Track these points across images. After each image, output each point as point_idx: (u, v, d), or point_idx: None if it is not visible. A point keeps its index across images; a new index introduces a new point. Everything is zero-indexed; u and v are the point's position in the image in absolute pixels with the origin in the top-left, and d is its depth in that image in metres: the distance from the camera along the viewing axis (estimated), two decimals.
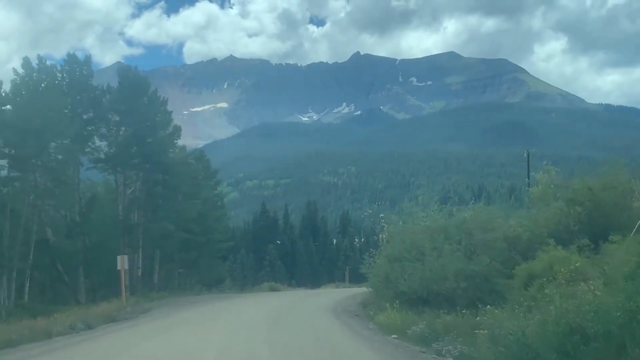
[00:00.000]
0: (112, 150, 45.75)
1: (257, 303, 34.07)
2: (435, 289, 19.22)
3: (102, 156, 45.73)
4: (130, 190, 47.15)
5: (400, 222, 26.60)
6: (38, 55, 43.17)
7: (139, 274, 45.74)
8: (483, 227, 21.06)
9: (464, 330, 14.87)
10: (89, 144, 45.70)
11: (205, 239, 52.30)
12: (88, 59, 45.70)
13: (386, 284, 22.43)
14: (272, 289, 54.95)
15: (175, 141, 48.50)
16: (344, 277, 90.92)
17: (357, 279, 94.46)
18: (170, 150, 47.95)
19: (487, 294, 18.10)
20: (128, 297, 39.68)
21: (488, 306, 15.97)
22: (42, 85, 41.67)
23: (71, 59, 44.57)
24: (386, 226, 26.23)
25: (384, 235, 26.57)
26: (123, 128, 45.87)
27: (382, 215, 29.13)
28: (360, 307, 27.73)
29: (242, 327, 20.80)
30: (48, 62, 43.74)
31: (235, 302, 36.38)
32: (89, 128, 45.50)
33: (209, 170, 59.11)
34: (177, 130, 48.04)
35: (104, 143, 46.40)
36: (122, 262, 31.39)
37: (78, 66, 44.36)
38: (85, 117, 45.23)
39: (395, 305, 20.05)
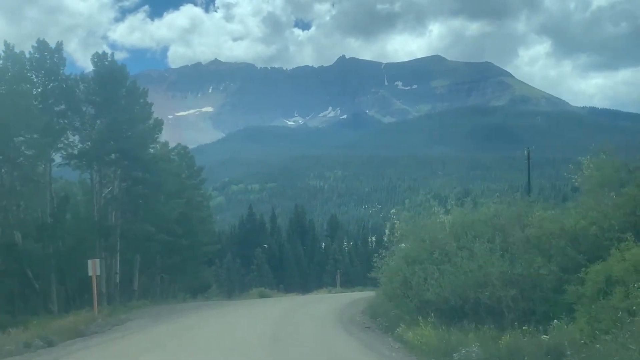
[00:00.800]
0: (86, 146, 41.62)
1: (249, 313, 30.15)
2: (473, 298, 15.57)
3: (76, 152, 41.62)
4: (107, 190, 43.14)
5: (412, 219, 23.08)
6: (5, 41, 38.80)
7: (117, 280, 41.77)
8: (520, 222, 17.55)
9: (538, 357, 11.22)
10: (62, 138, 41.60)
11: (189, 242, 48.18)
12: (59, 46, 41.34)
13: (405, 290, 18.68)
14: (262, 295, 50.95)
15: (156, 136, 44.17)
16: (334, 282, 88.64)
17: (348, 283, 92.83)
18: (151, 145, 43.86)
19: (540, 304, 14.58)
20: (103, 306, 36.04)
21: (555, 321, 12.36)
22: (9, 74, 37.84)
23: (41, 45, 40.30)
24: (398, 223, 22.57)
25: (395, 234, 22.88)
26: (99, 121, 41.76)
27: (394, 210, 25.26)
28: (367, 318, 24.21)
29: (236, 348, 17.02)
30: (16, 50, 39.68)
31: (223, 311, 32.39)
32: (62, 121, 41.38)
33: (193, 168, 54.70)
34: (159, 124, 43.87)
35: (78, 138, 42.29)
36: (94, 267, 27.45)
37: (49, 53, 40.25)
38: (57, 109, 41.17)
39: (429, 318, 16.15)
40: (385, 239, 25.41)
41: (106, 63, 42.01)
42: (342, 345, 17.26)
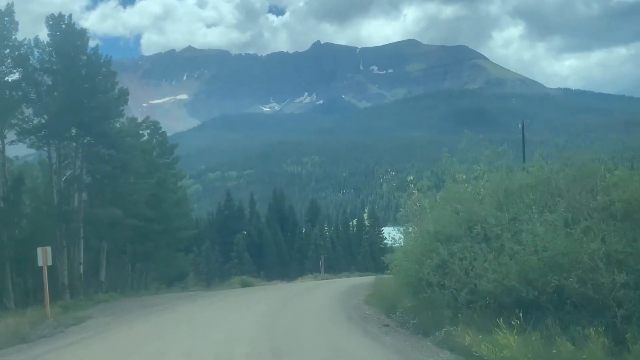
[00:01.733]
0: (42, 120, 36.56)
1: (233, 306, 25.55)
2: (553, 286, 11.09)
3: (31, 127, 36.57)
4: (68, 170, 38.21)
5: (430, 191, 18.77)
6: None
7: (81, 271, 36.89)
8: (587, 186, 13.29)
9: None
10: (16, 113, 36.60)
11: (162, 227, 43.19)
12: (10, 8, 36.24)
13: (441, 277, 14.15)
14: (244, 284, 46.35)
15: (122, 108, 38.95)
16: (317, 268, 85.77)
17: (331, 269, 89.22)
18: (117, 119, 38.85)
19: None
20: (65, 301, 31.57)
21: None
22: None
23: None
24: (416, 193, 18.22)
25: (414, 207, 18.46)
26: (56, 92, 36.69)
27: (412, 177, 20.77)
28: (377, 310, 19.88)
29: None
30: None
31: (203, 304, 27.69)
32: (15, 93, 36.36)
33: (165, 145, 49.39)
34: (124, 95, 38.67)
35: (32, 111, 37.16)
36: (44, 257, 22.81)
37: None
38: (8, 79, 36.18)
39: (515, 322, 11.02)
40: (399, 215, 20.27)
41: (63, 27, 36.94)
42: (371, 357, 12.74)
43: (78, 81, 36.46)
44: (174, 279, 53.82)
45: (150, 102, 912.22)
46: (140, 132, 44.13)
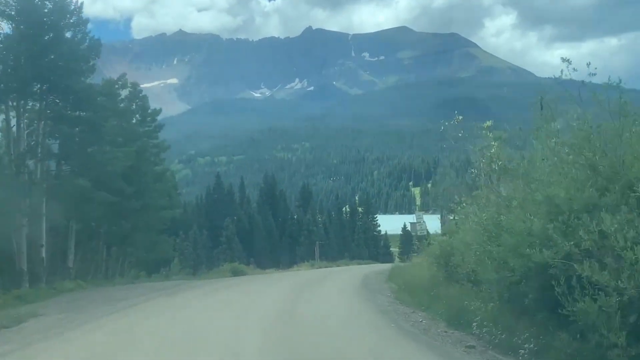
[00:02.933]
0: None
1: (226, 304, 19.51)
2: None
3: None
4: (30, 135, 32.03)
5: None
6: None
7: (43, 254, 30.78)
8: None
9: None
10: None
11: (141, 205, 37.03)
12: None
13: (595, 272, 8.21)
14: (236, 272, 40.31)
15: (93, 62, 32.60)
16: (310, 255, 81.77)
17: (325, 256, 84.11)
18: (88, 75, 32.54)
19: None
20: (25, 290, 25.91)
21: None
22: None
23: None
24: (495, 145, 12.45)
25: (493, 167, 12.58)
26: (15, 42, 30.48)
27: (489, 122, 14.72)
28: (430, 316, 14.18)
29: None
30: None
31: (185, 300, 21.52)
32: None
33: (145, 109, 42.76)
34: (96, 46, 32.48)
35: None
36: None
37: None
38: None
39: None
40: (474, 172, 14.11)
41: None
42: None
43: (40, 28, 30.38)
44: (156, 265, 47.88)
45: (140, 85, 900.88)
46: (118, 92, 37.84)
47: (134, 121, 40.42)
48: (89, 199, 31.90)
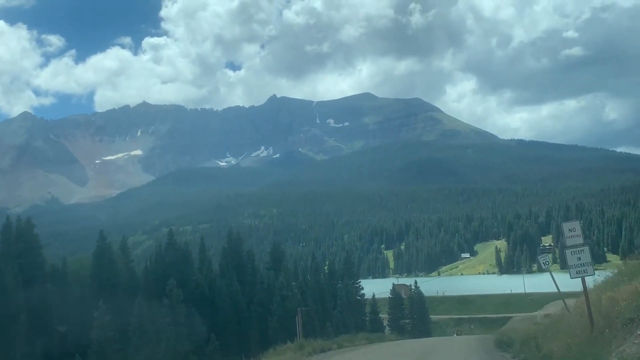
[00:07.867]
0: None
1: None
2: None
3: None
4: None
5: None
6: None
7: None
8: None
9: None
10: None
11: None
12: None
13: None
14: None
15: None
16: (286, 326, 66.03)
17: (306, 325, 71.04)
18: None
19: None
20: None
21: None
22: None
23: None
24: None
25: None
26: None
27: None
28: None
29: None
30: None
31: None
32: None
33: None
34: None
35: None
36: None
37: None
38: None
39: None
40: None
41: None
42: None
43: None
44: None
45: (104, 158, 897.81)
46: None
47: None
48: None
